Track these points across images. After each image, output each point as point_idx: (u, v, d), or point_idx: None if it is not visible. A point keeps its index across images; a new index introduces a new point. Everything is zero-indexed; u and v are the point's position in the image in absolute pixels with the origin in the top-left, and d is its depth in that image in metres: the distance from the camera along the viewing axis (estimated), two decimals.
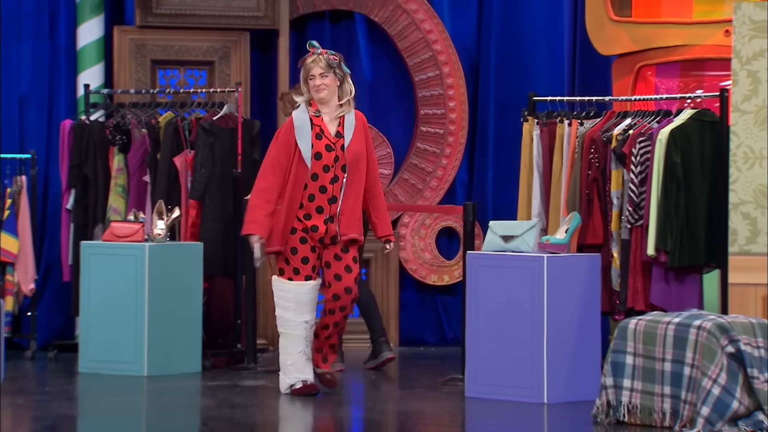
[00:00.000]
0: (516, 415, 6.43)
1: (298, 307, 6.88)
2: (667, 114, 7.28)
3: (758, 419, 5.91)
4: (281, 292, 6.91)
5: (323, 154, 6.80)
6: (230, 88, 8.45)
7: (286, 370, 6.91)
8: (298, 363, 6.88)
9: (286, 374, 6.91)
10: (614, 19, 8.28)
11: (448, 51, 9.25)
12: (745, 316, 6.22)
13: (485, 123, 9.36)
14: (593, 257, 6.97)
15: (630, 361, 6.15)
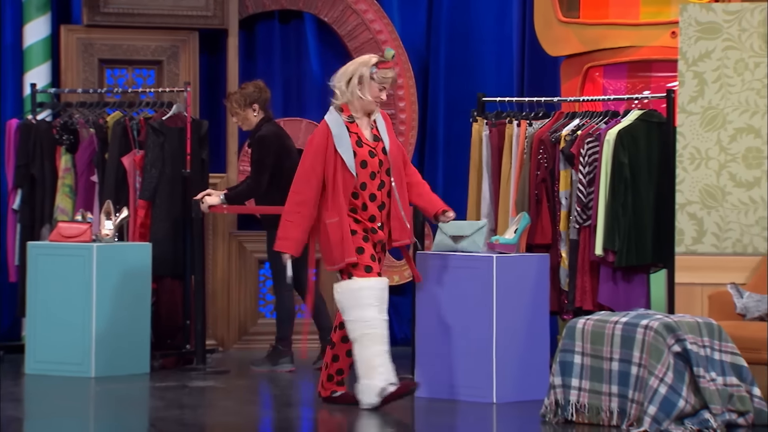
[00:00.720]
0: (465, 414, 6.45)
1: (380, 304, 6.44)
2: (615, 115, 7.33)
3: (704, 418, 5.97)
4: (360, 292, 6.42)
5: (368, 162, 6.50)
6: (179, 87, 8.44)
7: (372, 374, 6.41)
8: (386, 363, 6.41)
9: (373, 378, 6.41)
10: (562, 20, 8.33)
11: (398, 51, 9.28)
12: (691, 316, 6.27)
13: (435, 124, 9.41)
14: (542, 257, 7.02)
15: (578, 361, 6.19)
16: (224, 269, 8.98)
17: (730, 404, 6.05)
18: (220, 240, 9.00)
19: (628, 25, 8.18)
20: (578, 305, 7.21)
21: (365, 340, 6.42)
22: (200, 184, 8.19)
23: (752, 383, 6.12)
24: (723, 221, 6.91)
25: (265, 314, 9.10)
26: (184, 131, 8.20)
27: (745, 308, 6.59)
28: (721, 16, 6.92)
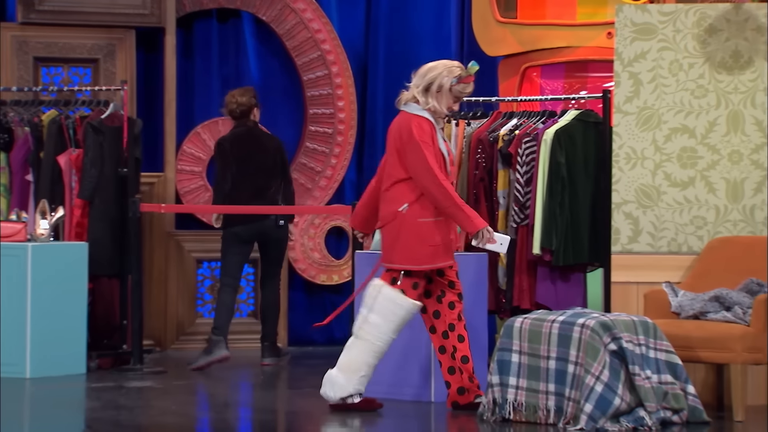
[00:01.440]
0: (403, 413, 6.48)
1: (402, 324, 6.42)
2: (552, 115, 7.39)
3: (639, 415, 6.04)
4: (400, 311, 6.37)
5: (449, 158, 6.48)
6: (116, 86, 8.41)
7: (351, 377, 6.40)
8: (368, 376, 6.43)
9: (350, 380, 6.40)
10: (500, 20, 8.38)
11: (337, 51, 9.31)
12: (627, 314, 6.33)
13: (374, 122, 9.44)
14: (480, 256, 7.05)
15: (516, 360, 6.23)
16: (162, 269, 8.97)
17: (664, 402, 6.12)
18: (157, 239, 8.99)
19: (564, 25, 8.23)
20: (516, 304, 7.26)
21: (369, 347, 6.41)
22: (135, 183, 8.19)
23: (687, 381, 6.21)
24: (658, 220, 7.00)
25: (203, 314, 9.10)
26: (121, 130, 8.18)
27: (680, 307, 6.68)
28: (656, 17, 7.01)
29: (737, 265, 6.73)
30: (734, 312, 6.51)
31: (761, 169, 6.97)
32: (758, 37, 6.96)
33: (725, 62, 6.98)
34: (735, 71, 6.97)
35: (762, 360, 6.43)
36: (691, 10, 6.99)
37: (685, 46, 6.99)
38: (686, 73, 6.98)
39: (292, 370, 8.27)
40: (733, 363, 6.36)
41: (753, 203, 6.97)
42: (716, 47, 6.97)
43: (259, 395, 7.36)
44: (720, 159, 6.98)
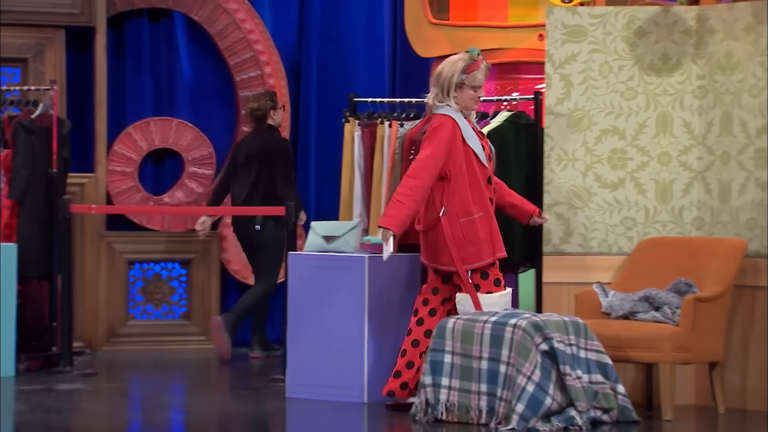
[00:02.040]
0: (336, 414, 6.52)
1: None
2: (484, 116, 7.42)
3: (570, 415, 6.12)
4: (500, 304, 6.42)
5: (487, 159, 6.48)
6: (45, 86, 8.38)
7: None
8: None
9: None
10: (433, 21, 8.42)
11: (270, 51, 9.33)
12: (558, 315, 6.42)
13: (307, 124, 9.47)
14: (414, 257, 7.08)
15: (448, 360, 6.29)
16: (92, 270, 8.94)
17: (595, 401, 6.20)
18: (88, 241, 8.96)
19: (496, 27, 8.26)
20: None
21: None
22: (62, 184, 8.17)
23: (617, 380, 6.29)
24: (589, 221, 7.09)
25: (135, 315, 9.09)
26: (51, 130, 8.16)
27: (610, 307, 6.77)
28: (587, 19, 7.09)
29: (666, 266, 6.84)
30: (663, 312, 6.61)
31: (690, 171, 7.09)
32: (686, 39, 7.07)
33: (654, 64, 7.08)
34: (664, 73, 7.07)
35: (690, 359, 6.53)
36: (621, 13, 7.08)
37: (615, 48, 7.08)
38: (616, 75, 7.08)
39: (224, 371, 8.28)
40: (662, 363, 6.45)
41: (681, 204, 7.08)
42: (645, 50, 7.08)
43: (192, 397, 7.36)
44: (649, 160, 7.09)
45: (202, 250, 9.19)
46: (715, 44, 6.99)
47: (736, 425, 6.44)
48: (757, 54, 6.83)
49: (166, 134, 9.25)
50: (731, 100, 6.93)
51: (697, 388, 6.92)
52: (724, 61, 6.96)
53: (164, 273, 9.18)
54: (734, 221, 6.91)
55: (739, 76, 6.89)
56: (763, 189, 6.80)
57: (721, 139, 6.98)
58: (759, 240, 6.80)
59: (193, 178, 9.30)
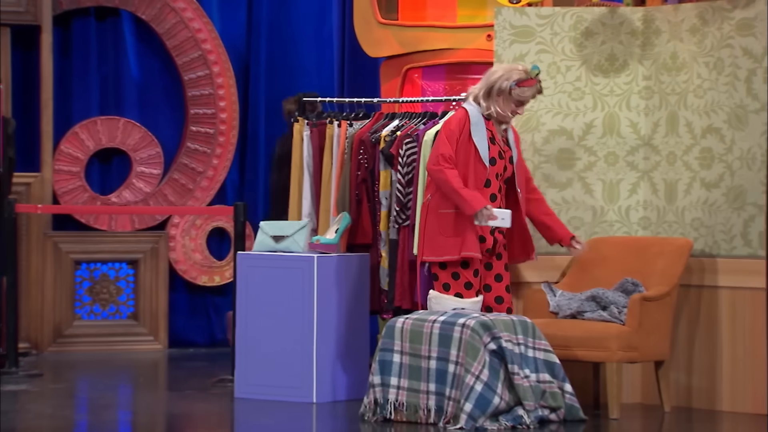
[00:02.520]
0: (285, 415, 6.53)
1: None
2: (434, 116, 7.42)
3: (518, 414, 6.18)
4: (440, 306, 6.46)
5: (497, 161, 6.47)
6: None
7: None
8: None
9: None
10: (381, 21, 8.44)
11: (218, 50, 9.34)
12: (506, 314, 6.46)
13: (256, 123, 9.49)
14: (362, 257, 7.15)
15: (397, 360, 6.33)
16: (38, 270, 8.92)
17: (542, 400, 6.26)
18: (34, 241, 8.94)
19: (445, 27, 8.29)
20: (398, 304, 7.29)
21: None
22: (8, 183, 8.14)
23: (564, 379, 6.35)
24: None
25: (82, 316, 9.08)
26: None
27: (558, 306, 6.84)
28: (534, 20, 7.16)
29: (613, 265, 6.91)
30: (610, 311, 6.69)
31: (636, 171, 7.18)
32: (633, 40, 7.16)
33: (601, 65, 7.16)
34: (610, 74, 7.15)
35: (636, 358, 6.61)
36: (568, 14, 7.16)
37: (563, 49, 7.15)
38: (564, 75, 7.15)
39: (172, 371, 8.29)
40: (609, 361, 6.51)
41: (628, 204, 7.17)
42: (592, 50, 7.16)
43: (139, 397, 7.36)
44: (597, 161, 7.16)
45: (150, 250, 9.19)
46: (661, 45, 7.08)
47: (682, 423, 6.52)
48: (701, 55, 6.93)
49: (113, 134, 9.25)
50: (677, 101, 7.03)
51: (643, 386, 7.01)
52: (669, 61, 7.05)
53: (111, 273, 9.17)
54: (680, 221, 7.01)
55: (684, 76, 6.99)
56: (709, 189, 6.91)
57: (667, 139, 7.07)
58: (704, 239, 6.90)
59: (140, 178, 9.30)
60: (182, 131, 9.43)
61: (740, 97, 6.79)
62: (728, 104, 6.83)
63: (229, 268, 9.26)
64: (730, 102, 6.82)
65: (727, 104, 6.83)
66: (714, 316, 6.83)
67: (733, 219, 6.81)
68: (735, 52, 6.80)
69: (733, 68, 6.80)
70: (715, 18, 6.86)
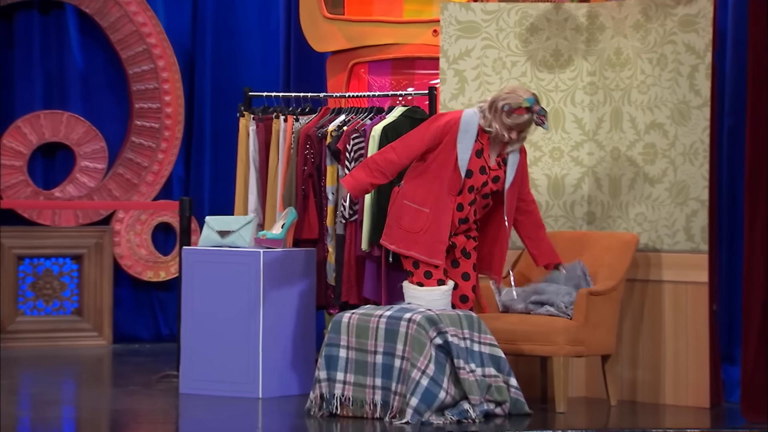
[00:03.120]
0: (230, 410, 6.54)
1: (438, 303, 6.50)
2: (380, 111, 7.46)
3: (464, 408, 6.23)
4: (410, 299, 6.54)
5: (474, 174, 6.43)
6: None
7: None
8: None
9: None
10: (327, 16, 8.46)
11: (163, 44, 9.34)
12: (452, 309, 6.51)
13: (201, 118, 9.50)
14: (309, 252, 7.18)
15: (343, 354, 6.37)
16: None
17: (488, 394, 6.32)
18: None
19: (391, 22, 8.30)
20: (344, 300, 7.32)
21: None
22: None
23: (509, 374, 6.42)
24: None
25: (25, 312, 9.06)
26: None
27: (504, 306, 6.90)
28: (480, 15, 7.22)
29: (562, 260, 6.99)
30: (557, 306, 6.77)
31: (581, 166, 7.27)
32: (577, 36, 7.25)
33: (546, 61, 7.24)
34: (555, 70, 7.24)
35: (583, 352, 6.67)
36: (513, 9, 7.23)
37: (508, 44, 7.22)
38: (509, 71, 7.22)
39: (117, 367, 8.29)
40: (556, 356, 6.58)
41: (573, 199, 7.26)
42: (537, 46, 7.23)
43: (83, 393, 7.34)
44: (542, 156, 7.24)
45: (95, 245, 9.19)
46: (605, 41, 7.17)
47: (627, 416, 6.58)
48: (645, 51, 7.03)
49: (56, 128, 9.24)
50: (621, 97, 7.12)
51: (589, 380, 7.09)
52: (613, 57, 7.14)
53: (55, 268, 9.16)
54: (624, 216, 7.11)
55: (628, 72, 7.09)
56: (652, 184, 7.01)
57: (612, 134, 7.16)
58: (648, 234, 7.00)
59: (84, 173, 9.30)
60: (127, 126, 9.42)
61: (683, 92, 6.89)
62: (671, 100, 6.93)
63: (174, 264, 9.27)
64: (673, 98, 6.92)
65: (670, 100, 6.93)
66: (658, 310, 6.93)
67: (676, 214, 6.91)
68: (678, 48, 6.90)
69: (676, 64, 6.90)
70: (658, 14, 6.97)
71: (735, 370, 6.91)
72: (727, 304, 7.11)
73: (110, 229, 9.26)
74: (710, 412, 6.66)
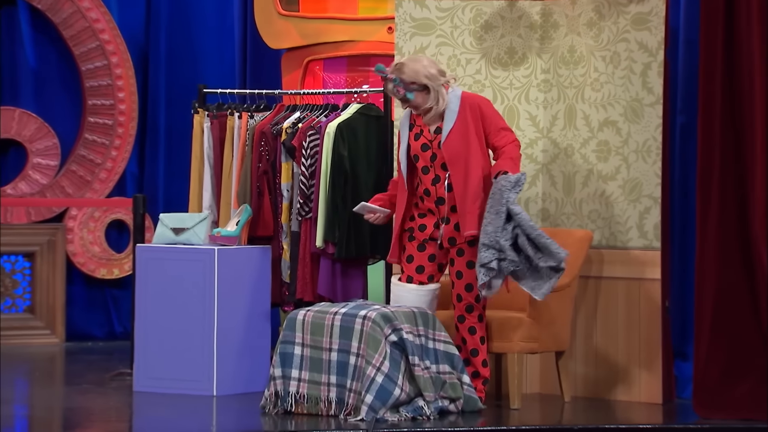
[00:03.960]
0: (185, 408, 6.56)
1: None
2: (335, 108, 7.47)
3: (418, 405, 6.28)
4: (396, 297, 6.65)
5: (420, 156, 6.62)
6: None
7: None
8: None
9: None
10: (282, 13, 8.47)
11: (117, 41, 9.34)
12: (407, 306, 6.56)
13: (156, 115, 9.50)
14: (264, 249, 7.20)
15: (298, 352, 6.39)
16: None
17: (442, 391, 6.37)
18: None
19: (346, 19, 8.32)
20: (299, 297, 7.32)
21: None
22: None
23: (462, 371, 6.46)
24: None
25: None
26: None
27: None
28: (435, 12, 7.26)
29: None
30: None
31: (535, 163, 7.34)
32: (531, 34, 7.32)
33: (501, 58, 7.30)
34: (510, 67, 7.30)
35: (537, 349, 6.72)
36: (468, 7, 7.28)
37: (463, 41, 7.28)
38: (464, 68, 7.27)
39: (70, 365, 8.28)
40: (510, 352, 6.63)
41: (528, 196, 7.32)
42: (492, 43, 7.29)
43: (35, 392, 7.32)
44: None
45: (47, 242, 9.19)
46: (559, 39, 7.25)
47: (581, 413, 6.65)
48: (598, 48, 7.11)
49: (8, 124, 9.22)
50: (575, 94, 7.20)
51: (543, 377, 7.16)
52: (567, 55, 7.22)
53: (7, 266, 9.15)
54: (578, 213, 7.18)
55: (582, 70, 7.16)
56: (605, 181, 7.10)
57: (565, 132, 7.24)
58: (601, 231, 7.08)
59: (36, 169, 9.29)
60: (80, 122, 9.42)
61: (636, 90, 6.98)
62: (624, 97, 7.02)
63: (128, 261, 9.27)
64: (626, 95, 7.01)
65: (624, 97, 7.02)
66: (611, 307, 7.01)
67: (630, 211, 7.00)
68: (631, 46, 6.99)
69: (629, 62, 6.99)
70: (611, 12, 7.05)
71: (687, 367, 7.00)
72: (679, 301, 7.21)
73: (63, 226, 9.26)
74: (663, 407, 6.74)
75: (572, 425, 6.23)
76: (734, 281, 6.41)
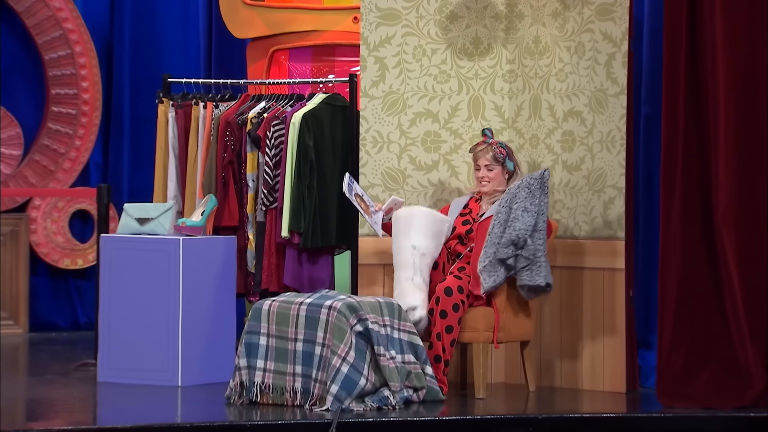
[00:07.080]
0: (149, 398, 6.58)
1: None
2: (300, 98, 7.49)
3: (384, 395, 6.32)
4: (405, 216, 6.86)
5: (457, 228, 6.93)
6: None
7: None
8: None
9: None
10: (247, 2, 8.42)
11: (80, 30, 9.35)
12: (373, 296, 6.64)
13: (120, 104, 9.51)
14: (229, 239, 7.22)
15: (263, 342, 6.42)
16: None
17: (407, 381, 6.42)
18: None
19: (312, 9, 8.32)
20: (265, 287, 7.35)
21: None
22: None
23: (426, 361, 6.51)
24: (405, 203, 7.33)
25: None
26: None
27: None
28: (400, 2, 7.26)
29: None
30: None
31: None
32: (496, 24, 7.39)
33: (466, 48, 7.35)
34: (475, 57, 7.37)
35: (502, 339, 6.76)
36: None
37: (428, 32, 7.32)
38: (429, 58, 7.32)
39: (33, 356, 8.29)
40: (476, 342, 6.68)
41: None
42: (457, 33, 7.34)
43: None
44: (462, 143, 7.36)
45: (10, 232, 9.19)
46: (524, 29, 7.31)
47: (545, 402, 6.70)
48: (563, 39, 7.17)
49: None
50: (540, 84, 7.27)
51: (508, 366, 7.22)
52: (532, 45, 7.29)
53: None
54: None
55: (546, 60, 7.23)
56: (570, 171, 7.17)
57: (530, 122, 7.30)
58: (566, 221, 7.16)
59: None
60: (43, 112, 9.42)
61: (600, 80, 7.05)
62: (589, 88, 7.09)
63: (92, 251, 9.28)
64: (591, 86, 7.08)
65: (588, 88, 7.09)
66: (576, 296, 7.08)
67: (594, 201, 7.07)
68: (595, 36, 7.06)
69: (593, 52, 7.06)
70: (575, 3, 7.11)
71: (651, 356, 7.08)
72: (643, 291, 7.29)
73: (26, 216, 9.27)
74: (626, 396, 6.81)
75: (537, 414, 6.29)
76: (697, 271, 6.48)
